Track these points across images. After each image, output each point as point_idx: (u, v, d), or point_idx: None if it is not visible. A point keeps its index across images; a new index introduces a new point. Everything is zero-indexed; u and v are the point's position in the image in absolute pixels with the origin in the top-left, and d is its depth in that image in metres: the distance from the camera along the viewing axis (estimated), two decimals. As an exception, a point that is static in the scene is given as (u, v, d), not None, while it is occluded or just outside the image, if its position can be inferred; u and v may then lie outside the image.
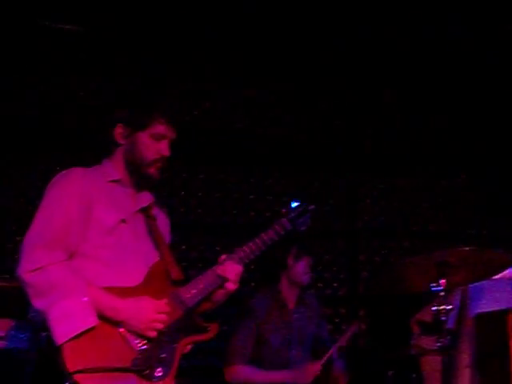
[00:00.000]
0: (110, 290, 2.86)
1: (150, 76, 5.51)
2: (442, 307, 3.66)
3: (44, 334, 3.14)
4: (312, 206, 3.33)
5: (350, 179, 6.13)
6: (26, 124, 5.30)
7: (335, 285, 5.91)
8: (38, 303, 2.78)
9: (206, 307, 3.13)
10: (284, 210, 3.27)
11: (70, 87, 5.47)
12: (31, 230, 2.90)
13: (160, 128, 3.11)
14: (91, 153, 3.25)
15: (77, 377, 2.65)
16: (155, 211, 3.27)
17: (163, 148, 3.11)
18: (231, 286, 3.06)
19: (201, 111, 5.79)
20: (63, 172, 3.06)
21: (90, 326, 2.74)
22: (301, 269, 4.65)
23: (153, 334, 2.85)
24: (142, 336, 2.84)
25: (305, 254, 4.68)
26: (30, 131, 5.30)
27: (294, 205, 3.29)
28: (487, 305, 4.07)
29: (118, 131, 3.13)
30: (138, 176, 3.14)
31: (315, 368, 4.44)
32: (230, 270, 3.05)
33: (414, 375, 4.60)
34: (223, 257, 3.13)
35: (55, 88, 5.43)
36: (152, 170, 3.12)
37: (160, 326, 2.87)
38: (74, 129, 5.34)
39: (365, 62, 5.90)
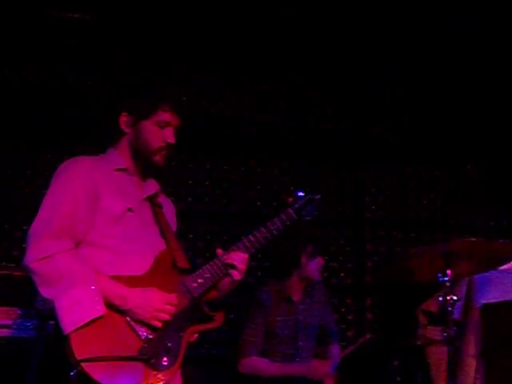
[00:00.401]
0: (117, 278, 2.86)
1: (154, 66, 5.51)
2: (448, 297, 3.67)
3: (51, 322, 3.16)
4: (318, 196, 3.31)
5: (356, 169, 6.12)
6: (32, 113, 5.30)
7: (342, 274, 5.92)
8: (45, 292, 2.79)
9: (212, 296, 3.13)
10: (290, 200, 3.26)
11: (75, 76, 5.47)
12: (38, 219, 2.90)
13: (164, 115, 3.10)
14: (97, 142, 3.24)
15: (84, 365, 2.65)
16: (161, 199, 3.28)
17: (168, 135, 3.10)
18: (237, 275, 3.06)
19: (208, 101, 5.78)
20: (69, 160, 3.06)
21: (97, 315, 2.74)
22: (314, 267, 4.73)
23: (158, 324, 2.85)
24: (148, 325, 2.85)
25: (319, 253, 4.74)
26: (37, 120, 5.31)
27: (300, 194, 3.27)
28: (493, 295, 4.07)
29: (123, 120, 3.13)
30: (144, 164, 3.14)
31: (325, 369, 4.52)
32: (236, 258, 3.05)
33: (419, 365, 4.61)
34: (220, 251, 3.12)
35: (60, 76, 5.43)
36: (158, 158, 3.12)
37: (166, 316, 2.87)
38: (81, 118, 5.34)
39: (370, 52, 5.90)
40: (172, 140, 3.11)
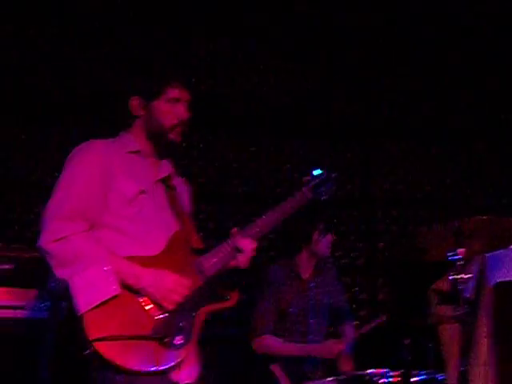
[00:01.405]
0: (131, 259, 2.87)
1: (162, 45, 5.52)
2: (460, 276, 3.67)
3: (64, 303, 3.17)
4: (334, 174, 3.29)
5: (366, 148, 6.11)
6: (45, 96, 5.31)
7: (353, 254, 5.92)
8: (60, 273, 2.81)
9: None
10: (306, 179, 3.23)
11: (88, 60, 5.47)
12: (52, 201, 2.91)
13: (174, 92, 3.09)
14: (110, 124, 3.25)
15: (97, 345, 2.67)
16: (175, 181, 3.27)
17: (181, 111, 3.10)
18: (244, 263, 3.05)
19: (218, 80, 5.78)
20: (83, 144, 3.07)
21: (112, 295, 2.75)
22: (325, 244, 4.73)
23: (169, 306, 2.85)
24: (160, 305, 2.86)
25: (330, 230, 4.74)
26: (50, 103, 5.32)
27: (316, 173, 3.24)
28: (506, 274, 4.05)
29: (134, 103, 3.13)
30: (161, 144, 3.13)
31: (340, 347, 4.53)
32: (245, 246, 3.03)
33: (430, 344, 4.61)
34: (234, 229, 3.10)
35: (73, 60, 5.44)
36: (173, 135, 3.10)
37: (177, 298, 2.86)
38: (94, 100, 5.35)
39: (377, 24, 5.90)
40: (185, 116, 3.11)
